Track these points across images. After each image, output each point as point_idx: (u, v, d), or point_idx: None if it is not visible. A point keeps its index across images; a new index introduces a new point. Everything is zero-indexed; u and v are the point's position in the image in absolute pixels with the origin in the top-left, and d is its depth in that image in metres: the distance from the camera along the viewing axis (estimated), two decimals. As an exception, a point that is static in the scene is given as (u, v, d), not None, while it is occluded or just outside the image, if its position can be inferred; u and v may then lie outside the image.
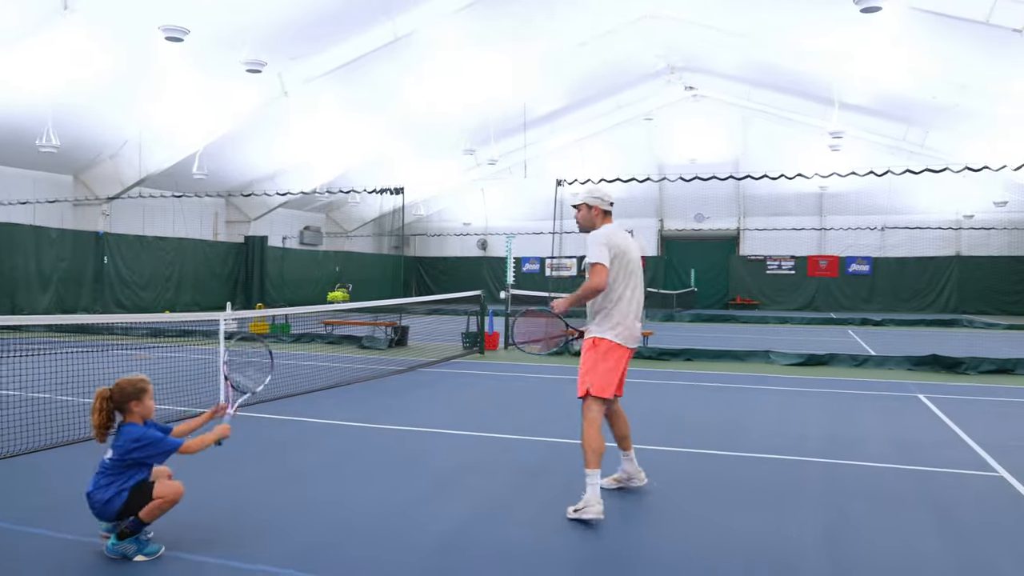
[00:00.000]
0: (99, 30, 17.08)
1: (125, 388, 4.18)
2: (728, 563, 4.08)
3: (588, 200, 5.24)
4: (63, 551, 4.11)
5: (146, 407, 4.23)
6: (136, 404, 4.18)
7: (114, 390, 4.18)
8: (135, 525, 4.02)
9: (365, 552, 4.16)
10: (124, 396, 4.17)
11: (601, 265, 4.94)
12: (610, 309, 5.05)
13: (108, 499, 4.01)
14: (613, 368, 5.01)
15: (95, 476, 4.10)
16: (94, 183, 24.52)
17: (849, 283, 34.71)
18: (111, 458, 4.09)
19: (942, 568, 4.06)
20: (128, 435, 4.11)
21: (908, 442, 7.15)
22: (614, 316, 5.05)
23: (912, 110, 26.14)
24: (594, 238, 5.08)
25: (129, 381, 4.21)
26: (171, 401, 8.50)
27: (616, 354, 5.03)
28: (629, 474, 5.45)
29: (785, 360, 13.60)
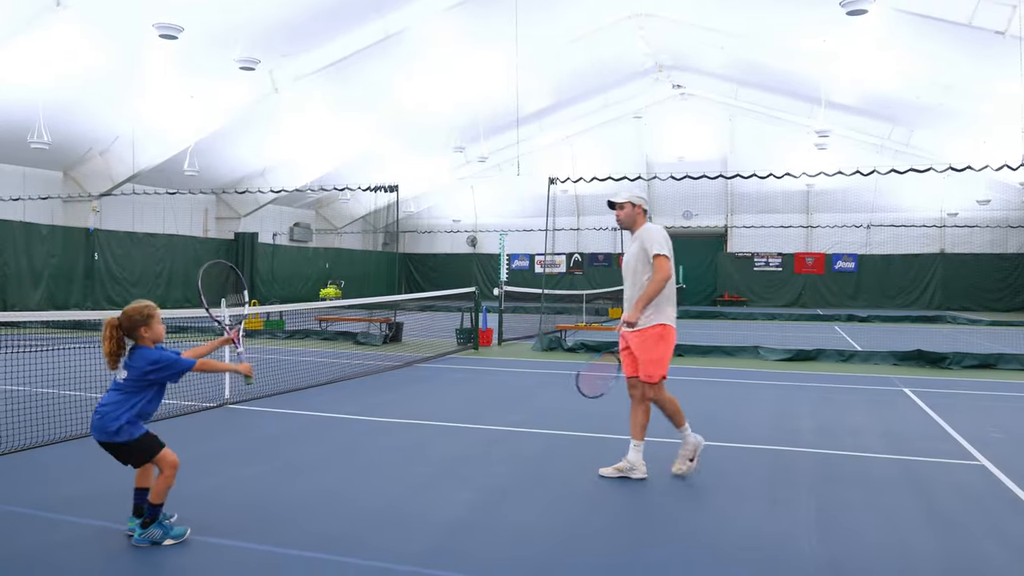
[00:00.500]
0: (91, 26, 17.10)
1: (133, 315, 4.21)
2: (722, 546, 4.28)
3: (633, 200, 5.78)
4: (95, 538, 4.25)
5: (155, 331, 4.26)
6: (146, 329, 4.22)
7: (122, 318, 4.22)
8: (153, 512, 4.13)
9: (379, 535, 4.34)
10: (133, 323, 4.21)
11: (666, 257, 5.52)
12: (669, 296, 5.63)
13: (117, 416, 4.08)
14: (672, 351, 5.70)
15: (108, 393, 4.18)
16: (84, 179, 24.48)
17: (835, 280, 35.10)
18: (127, 379, 4.16)
19: (925, 549, 4.28)
20: (144, 358, 4.16)
21: (894, 434, 7.39)
22: (672, 301, 5.67)
23: (897, 109, 26.49)
24: (654, 234, 5.64)
25: (135, 308, 4.25)
26: (177, 396, 8.63)
27: (673, 336, 5.68)
28: (632, 464, 5.67)
29: (774, 356, 13.85)
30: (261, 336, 16.67)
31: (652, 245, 5.55)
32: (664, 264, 5.47)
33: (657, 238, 5.58)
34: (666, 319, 5.58)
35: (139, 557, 3.97)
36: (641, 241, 5.67)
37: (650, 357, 5.52)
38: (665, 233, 5.71)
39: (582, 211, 38.55)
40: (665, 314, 5.58)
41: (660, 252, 5.49)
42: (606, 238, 38.20)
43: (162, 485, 4.16)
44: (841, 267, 35.22)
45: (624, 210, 5.77)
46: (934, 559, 4.13)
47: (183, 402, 8.30)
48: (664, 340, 5.55)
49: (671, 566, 3.98)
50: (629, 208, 5.75)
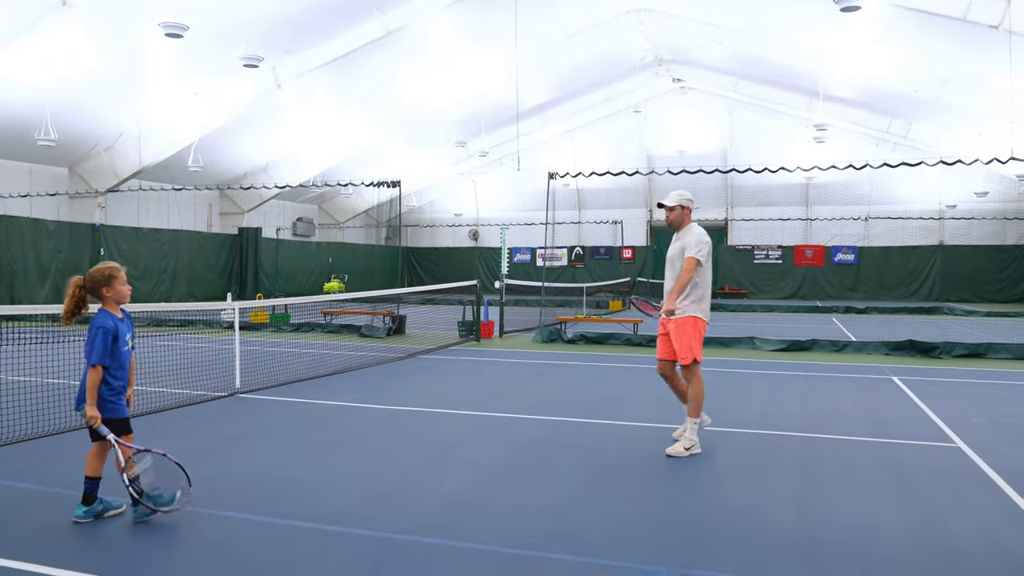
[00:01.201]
0: (96, 25, 17.37)
1: (95, 275, 4.39)
2: (704, 519, 4.58)
3: (683, 202, 6.46)
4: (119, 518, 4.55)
5: (118, 292, 4.43)
6: (108, 289, 4.39)
7: (86, 277, 4.40)
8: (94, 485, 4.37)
9: (382, 510, 4.66)
10: (95, 282, 4.38)
11: (696, 260, 6.22)
12: (703, 292, 6.33)
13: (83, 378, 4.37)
14: (703, 339, 6.39)
15: None
16: (90, 176, 24.78)
17: (835, 272, 35.35)
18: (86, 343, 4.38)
19: (894, 522, 4.58)
20: (93, 321, 4.38)
21: (878, 419, 7.69)
22: (706, 297, 6.36)
23: (895, 103, 26.71)
24: (699, 237, 6.33)
25: (99, 268, 4.43)
26: (188, 385, 8.94)
27: (705, 326, 6.40)
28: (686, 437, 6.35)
29: (769, 346, 14.13)
30: (267, 329, 16.99)
31: (690, 247, 6.28)
32: (690, 264, 6.21)
33: (697, 241, 6.30)
34: (700, 312, 6.32)
35: (159, 527, 4.27)
36: (683, 241, 6.38)
37: (684, 343, 6.27)
38: (706, 236, 6.40)
39: (583, 205, 38.81)
40: (700, 308, 6.33)
41: (691, 255, 6.22)
42: (607, 232, 38.46)
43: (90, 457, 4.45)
44: (841, 259, 35.46)
45: (675, 212, 6.46)
46: (901, 531, 4.43)
47: (194, 391, 8.61)
48: (696, 329, 6.30)
49: (654, 537, 4.28)
50: (679, 210, 6.45)
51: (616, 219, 37.97)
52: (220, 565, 3.81)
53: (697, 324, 6.31)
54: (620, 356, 13.07)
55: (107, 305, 4.43)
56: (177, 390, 8.67)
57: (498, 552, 4.01)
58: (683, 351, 6.27)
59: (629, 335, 15.24)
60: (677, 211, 6.44)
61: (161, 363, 10.30)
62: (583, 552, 4.03)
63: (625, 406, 8.36)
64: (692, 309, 6.31)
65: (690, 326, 6.27)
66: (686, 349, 6.25)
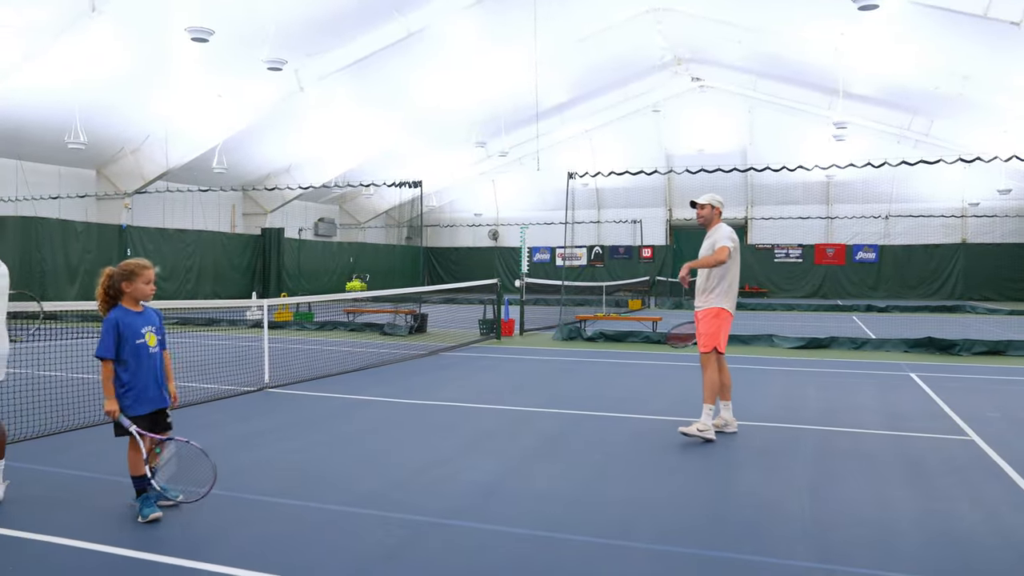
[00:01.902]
0: (124, 30, 17.78)
1: (121, 268, 4.46)
2: (726, 506, 4.75)
3: (713, 202, 6.89)
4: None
5: (137, 288, 4.45)
6: (127, 284, 4.42)
7: (115, 270, 4.48)
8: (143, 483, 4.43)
9: (413, 495, 4.87)
10: (117, 277, 4.45)
11: (728, 248, 6.57)
12: (729, 286, 6.68)
13: None
14: (728, 330, 6.73)
15: None
16: (117, 177, 25.27)
17: (856, 271, 35.19)
18: None
19: (904, 508, 4.72)
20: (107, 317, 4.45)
21: (894, 414, 7.80)
22: (732, 292, 6.71)
23: (916, 100, 26.60)
24: (724, 233, 6.72)
25: (125, 262, 4.48)
26: (218, 380, 9.21)
27: (731, 319, 6.73)
28: (726, 420, 6.79)
29: (788, 343, 14.21)
30: (291, 327, 17.29)
31: (720, 240, 6.65)
32: (723, 250, 6.55)
33: (725, 235, 6.68)
34: (724, 304, 6.67)
35: (203, 511, 4.50)
36: (714, 238, 6.74)
37: (707, 331, 6.65)
38: (734, 233, 6.79)
39: (602, 204, 38.91)
40: (726, 300, 6.68)
41: (722, 244, 6.60)
42: (626, 231, 38.54)
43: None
44: (862, 258, 35.29)
45: (705, 210, 6.87)
46: (913, 520, 4.57)
47: (224, 386, 8.87)
48: (719, 319, 6.64)
49: (670, 521, 4.45)
50: (710, 209, 6.86)
51: (635, 218, 38.04)
52: (263, 545, 4.03)
53: (721, 315, 6.63)
54: (640, 353, 13.21)
55: (125, 300, 4.49)
56: (207, 385, 8.94)
57: (523, 534, 4.21)
58: (704, 338, 6.64)
59: (648, 333, 15.37)
60: (708, 209, 6.86)
61: (190, 359, 10.59)
62: (602, 534, 4.22)
63: (645, 401, 8.52)
64: (718, 300, 6.64)
65: (714, 316, 6.63)
66: (707, 336, 6.62)
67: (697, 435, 6.34)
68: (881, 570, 3.75)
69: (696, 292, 6.86)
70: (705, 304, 6.72)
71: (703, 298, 6.77)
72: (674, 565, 3.82)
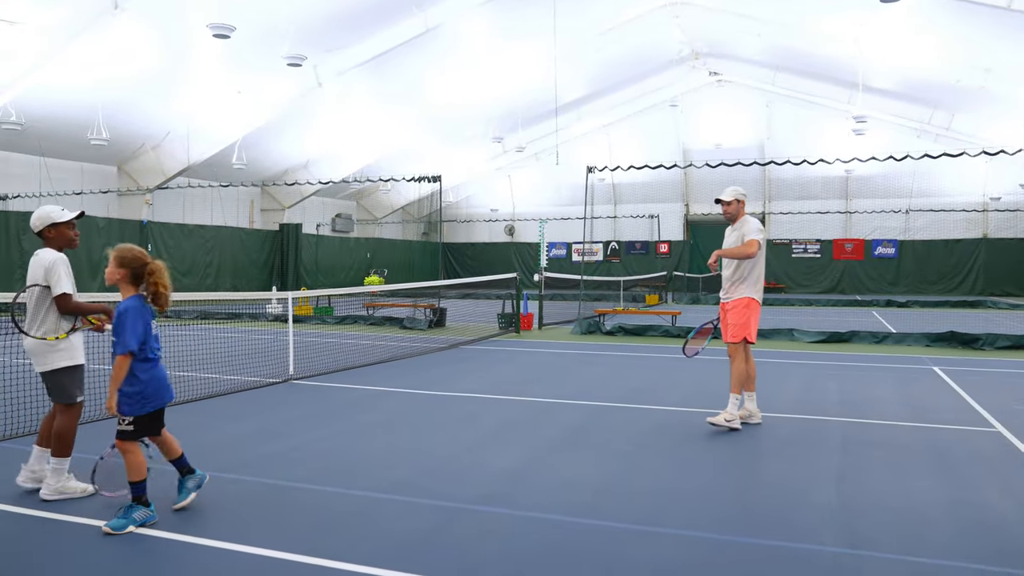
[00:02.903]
0: (146, 27, 17.93)
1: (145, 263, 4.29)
2: (753, 494, 4.78)
3: (738, 196, 6.97)
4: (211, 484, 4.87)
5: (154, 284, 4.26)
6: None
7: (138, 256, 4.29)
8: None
9: (441, 483, 4.93)
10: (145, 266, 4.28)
11: (758, 241, 6.68)
12: (759, 276, 6.80)
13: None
14: (758, 320, 6.82)
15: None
16: (137, 174, 25.51)
17: (875, 266, 34.97)
18: None
19: (930, 496, 4.73)
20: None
21: (918, 406, 7.78)
22: (760, 283, 6.81)
23: (937, 93, 26.36)
24: (752, 225, 6.82)
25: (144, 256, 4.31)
26: (243, 372, 9.31)
27: (759, 309, 6.81)
28: (750, 412, 6.82)
29: (808, 337, 14.17)
30: (311, 321, 17.42)
31: (749, 232, 6.75)
32: (753, 243, 6.65)
33: (754, 228, 6.77)
34: (753, 294, 6.76)
35: (237, 496, 4.58)
36: (741, 231, 6.82)
37: (737, 321, 6.72)
38: (762, 225, 6.88)
39: (619, 199, 38.84)
40: (753, 290, 6.76)
41: (753, 237, 6.69)
42: (643, 226, 38.46)
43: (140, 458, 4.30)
44: (881, 253, 35.06)
45: (731, 206, 6.93)
46: (940, 508, 4.58)
47: (249, 378, 8.98)
48: (749, 309, 6.71)
49: (698, 507, 4.48)
50: (736, 204, 6.93)
51: (652, 213, 37.95)
52: (298, 529, 4.10)
53: (751, 305, 6.72)
54: (659, 347, 13.22)
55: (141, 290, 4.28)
56: (233, 376, 9.05)
57: (553, 519, 4.26)
58: (735, 328, 6.72)
59: (667, 327, 15.37)
60: (734, 204, 6.91)
61: (216, 352, 10.72)
62: (631, 519, 4.26)
63: (666, 392, 8.55)
64: (747, 291, 6.73)
65: (744, 306, 6.71)
66: (738, 327, 6.70)
67: (724, 425, 6.44)
68: (910, 556, 3.77)
69: (724, 283, 6.93)
70: (735, 295, 6.78)
71: (732, 289, 6.83)
72: (704, 551, 3.85)
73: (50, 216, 4.68)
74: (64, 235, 4.71)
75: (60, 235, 4.70)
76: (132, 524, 4.04)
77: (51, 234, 4.69)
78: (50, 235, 4.69)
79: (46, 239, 4.70)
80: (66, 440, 4.62)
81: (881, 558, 3.75)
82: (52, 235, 4.69)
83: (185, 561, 3.70)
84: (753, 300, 6.73)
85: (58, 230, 4.69)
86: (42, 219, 4.68)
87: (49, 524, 4.19)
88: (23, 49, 17.15)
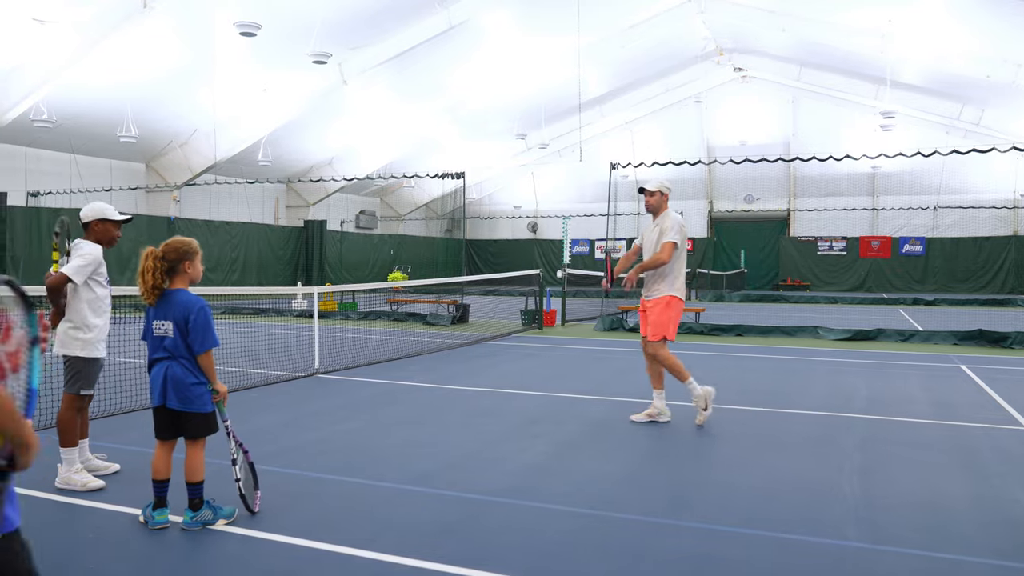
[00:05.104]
0: (174, 25, 18.18)
1: (180, 246, 3.98)
2: (776, 490, 4.78)
3: (662, 188, 6.77)
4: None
5: (197, 270, 4.05)
6: (189, 264, 3.99)
7: (166, 249, 3.96)
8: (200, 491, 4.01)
9: (468, 475, 5.00)
10: (180, 254, 3.96)
11: (672, 245, 6.46)
12: (678, 274, 6.61)
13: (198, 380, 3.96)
14: (679, 319, 6.68)
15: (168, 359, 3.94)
16: (165, 171, 25.86)
17: (902, 264, 34.56)
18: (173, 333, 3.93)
19: (955, 493, 4.71)
20: (192, 301, 3.93)
21: (945, 403, 7.71)
22: (681, 279, 6.63)
23: (967, 88, 26.00)
24: (674, 221, 6.61)
25: (182, 239, 4.04)
26: (270, 366, 9.44)
27: (681, 306, 6.67)
28: (659, 410, 6.72)
29: (833, 335, 14.07)
30: (335, 317, 17.57)
31: (668, 232, 6.52)
32: (667, 248, 6.45)
33: (674, 226, 6.54)
34: (674, 292, 6.58)
35: (272, 485, 4.66)
36: (661, 226, 6.63)
37: (658, 320, 6.57)
38: (683, 221, 6.67)
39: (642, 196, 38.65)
40: (674, 287, 6.58)
41: (669, 239, 6.48)
42: (666, 223, 38.25)
43: (200, 459, 4.03)
44: (908, 250, 34.65)
45: (655, 197, 6.72)
46: (966, 502, 4.56)
47: (275, 372, 9.10)
48: (670, 307, 6.56)
49: (719, 502, 4.49)
50: (659, 196, 6.73)
51: (676, 210, 37.66)
52: (325, 518, 4.17)
53: (671, 303, 6.58)
54: (682, 344, 13.17)
55: (180, 282, 4.02)
56: (260, 370, 9.18)
57: (576, 512, 4.29)
58: (655, 327, 6.58)
59: (691, 324, 15.32)
60: (657, 196, 6.74)
61: (243, 346, 10.86)
62: (654, 513, 4.28)
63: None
64: (668, 288, 6.58)
65: (665, 305, 6.57)
66: (658, 326, 6.56)
67: (704, 415, 6.51)
68: (935, 552, 3.76)
69: (645, 281, 6.73)
70: (655, 293, 6.62)
71: (652, 286, 6.66)
72: (726, 544, 3.87)
73: (103, 211, 4.84)
74: (109, 232, 4.85)
75: (105, 231, 4.84)
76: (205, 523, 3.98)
77: (98, 227, 4.82)
78: (96, 228, 4.82)
79: (91, 231, 4.83)
80: (67, 429, 4.66)
81: (904, 553, 3.74)
82: (98, 228, 4.82)
83: (214, 549, 3.78)
84: (674, 298, 6.58)
85: (104, 225, 4.83)
86: (95, 211, 4.84)
87: (94, 513, 4.30)
88: (55, 48, 17.45)
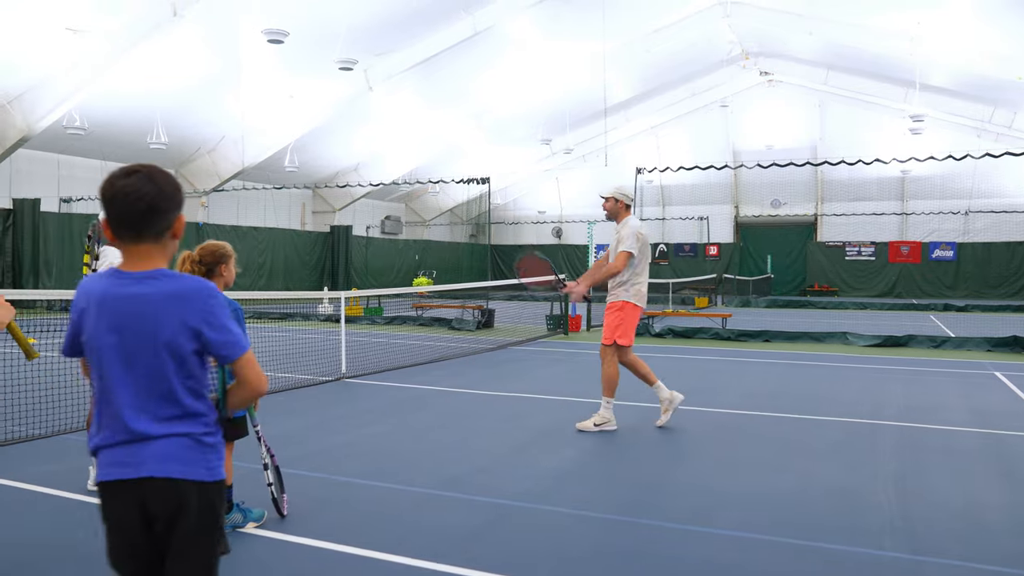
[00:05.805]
0: (203, 33, 18.40)
1: (217, 250, 3.87)
2: (807, 497, 4.71)
3: (617, 195, 6.66)
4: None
5: (231, 274, 3.94)
6: (225, 268, 3.89)
7: (203, 252, 3.85)
8: (228, 494, 3.90)
9: (495, 479, 4.99)
10: (216, 257, 3.86)
11: (629, 253, 6.42)
12: (634, 280, 6.55)
13: None
14: (634, 324, 6.59)
15: None
16: (194, 177, 26.17)
17: (932, 269, 34.04)
18: None
19: (993, 503, 4.60)
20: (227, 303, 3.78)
21: (980, 411, 7.57)
22: (637, 285, 6.56)
23: (998, 91, 25.57)
24: (631, 229, 6.49)
25: (217, 243, 3.93)
26: (297, 370, 9.50)
27: (637, 313, 6.59)
28: (668, 398, 6.67)
29: (863, 341, 13.87)
30: (361, 322, 17.65)
31: (623, 241, 6.47)
32: (620, 258, 6.44)
33: (631, 235, 6.46)
34: (629, 297, 6.54)
35: (294, 490, 4.68)
36: (620, 234, 6.56)
37: (609, 323, 6.54)
38: (642, 228, 6.57)
39: (667, 201, 38.55)
40: (629, 293, 6.54)
41: (624, 249, 6.44)
42: (692, 228, 38.10)
43: (228, 463, 3.86)
44: (939, 256, 34.11)
45: (609, 203, 6.67)
46: (1002, 509, 4.46)
47: (302, 376, 9.14)
48: (623, 312, 6.52)
49: (749, 510, 4.43)
50: (613, 202, 6.66)
51: (702, 215, 37.57)
52: (353, 522, 4.18)
53: (625, 308, 6.53)
54: (709, 349, 13.09)
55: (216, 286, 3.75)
56: (288, 374, 9.23)
57: (605, 518, 4.26)
58: (606, 331, 6.56)
59: (718, 329, 15.20)
60: (611, 202, 6.66)
61: (270, 351, 10.93)
62: (683, 519, 4.24)
63: (715, 395, 8.46)
64: (623, 294, 6.54)
65: (618, 309, 6.54)
66: (609, 329, 6.53)
67: (595, 429, 6.40)
68: (974, 563, 3.68)
69: (610, 283, 6.69)
70: (612, 298, 6.61)
71: (611, 291, 6.65)
72: (757, 552, 3.81)
73: None
74: None
75: None
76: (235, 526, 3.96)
77: None
78: None
79: None
80: None
81: (943, 564, 3.66)
82: None
83: (242, 552, 3.79)
84: (628, 304, 6.52)
85: None
86: None
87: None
88: (87, 57, 17.73)
